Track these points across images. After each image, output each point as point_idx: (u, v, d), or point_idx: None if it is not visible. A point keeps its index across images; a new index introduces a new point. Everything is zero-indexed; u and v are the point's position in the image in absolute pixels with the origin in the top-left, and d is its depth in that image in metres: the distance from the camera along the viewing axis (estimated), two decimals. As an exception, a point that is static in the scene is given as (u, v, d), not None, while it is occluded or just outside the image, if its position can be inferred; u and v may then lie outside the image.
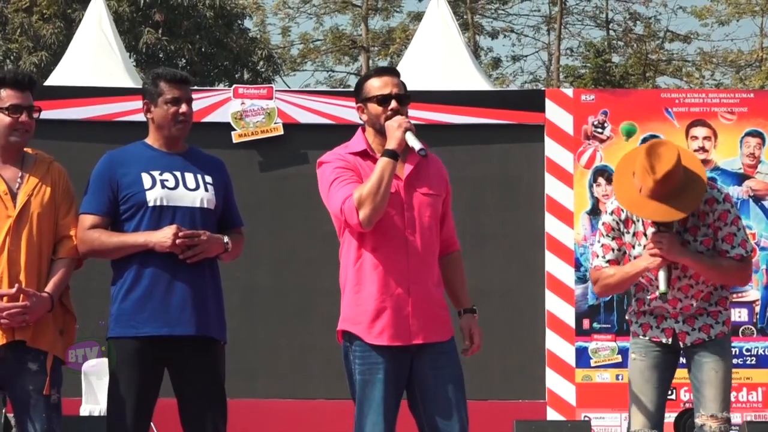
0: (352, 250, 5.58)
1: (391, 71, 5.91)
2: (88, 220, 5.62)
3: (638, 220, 6.21)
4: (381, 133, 5.65)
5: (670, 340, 6.23)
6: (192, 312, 5.62)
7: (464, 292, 5.89)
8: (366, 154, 5.65)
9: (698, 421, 6.16)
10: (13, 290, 5.39)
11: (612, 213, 6.30)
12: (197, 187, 5.70)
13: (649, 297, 6.25)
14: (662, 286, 5.84)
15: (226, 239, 5.73)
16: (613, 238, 6.29)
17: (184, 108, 5.76)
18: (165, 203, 5.61)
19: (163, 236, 5.51)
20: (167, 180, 5.66)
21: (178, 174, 5.69)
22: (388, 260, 5.52)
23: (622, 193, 6.11)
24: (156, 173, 5.65)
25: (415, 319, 5.55)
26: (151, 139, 5.83)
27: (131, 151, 5.82)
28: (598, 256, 6.31)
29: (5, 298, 5.38)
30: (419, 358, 5.59)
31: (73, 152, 12.47)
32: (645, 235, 6.17)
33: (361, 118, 5.77)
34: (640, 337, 6.33)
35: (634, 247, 6.25)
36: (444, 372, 5.61)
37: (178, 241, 5.50)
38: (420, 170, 5.66)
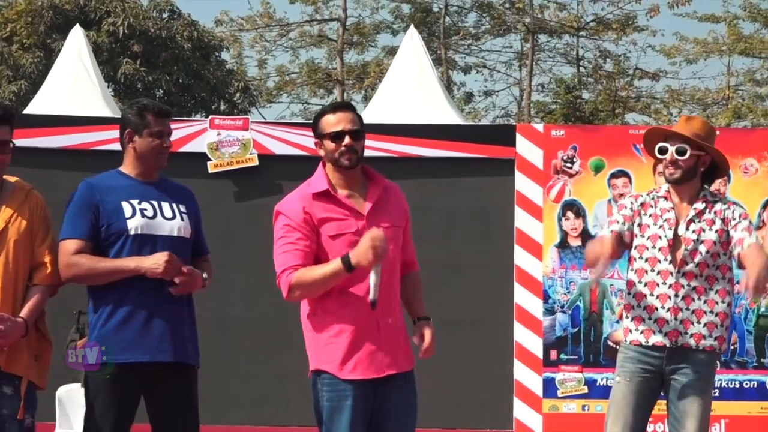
0: None
1: (346, 106, 5.85)
2: (72, 245, 5.60)
3: (655, 206, 6.27)
4: (340, 167, 5.63)
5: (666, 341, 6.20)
6: (171, 339, 5.64)
7: (421, 306, 5.93)
8: (328, 194, 5.66)
9: None
10: None
11: (630, 196, 6.37)
12: (174, 216, 5.73)
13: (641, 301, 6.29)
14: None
15: (204, 275, 5.77)
16: (623, 216, 6.32)
17: (167, 142, 5.81)
18: (145, 232, 5.63)
19: (155, 262, 5.52)
20: (146, 209, 5.68)
21: (155, 203, 5.72)
22: (357, 298, 5.53)
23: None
24: (135, 202, 5.67)
25: (385, 352, 5.56)
26: (128, 168, 5.83)
27: (109, 179, 5.82)
28: (603, 228, 6.38)
29: None
30: (384, 388, 5.60)
31: (51, 180, 12.43)
32: (661, 217, 6.24)
33: (319, 153, 5.78)
34: (631, 350, 6.31)
35: (649, 227, 6.29)
36: (407, 401, 5.65)
37: (177, 264, 5.52)
38: (380, 206, 5.69)
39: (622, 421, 6.17)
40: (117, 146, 12.94)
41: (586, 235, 13.76)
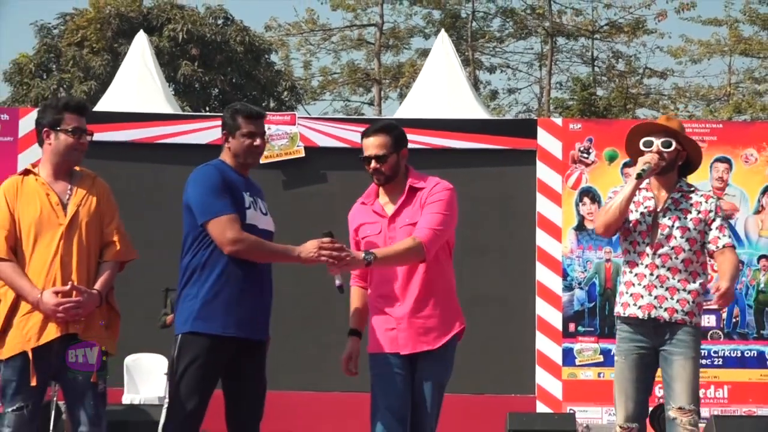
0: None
1: (376, 131, 5.96)
2: (233, 219, 5.46)
3: (638, 195, 6.31)
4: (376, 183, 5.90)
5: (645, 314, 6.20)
6: (266, 318, 5.67)
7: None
8: (367, 203, 5.97)
9: (670, 413, 6.14)
10: (67, 287, 5.40)
11: (616, 188, 6.37)
12: (266, 213, 5.75)
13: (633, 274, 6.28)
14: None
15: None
16: None
17: (258, 141, 5.76)
18: (254, 223, 5.61)
19: (312, 248, 5.47)
20: (252, 203, 5.68)
21: (253, 199, 5.70)
22: (388, 294, 5.75)
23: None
24: (247, 195, 5.65)
25: (406, 334, 5.70)
26: (230, 163, 5.76)
27: (226, 170, 5.70)
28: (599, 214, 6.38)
29: (60, 295, 5.39)
30: (415, 365, 5.69)
31: (118, 170, 12.49)
32: (642, 204, 6.31)
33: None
34: (623, 328, 6.31)
35: (632, 212, 6.30)
36: (431, 376, 5.77)
37: (324, 253, 5.45)
38: (402, 208, 5.82)
39: (625, 395, 6.19)
40: (178, 139, 12.96)
41: (601, 219, 13.73)
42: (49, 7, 54.08)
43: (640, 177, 6.14)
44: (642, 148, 6.32)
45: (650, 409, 12.76)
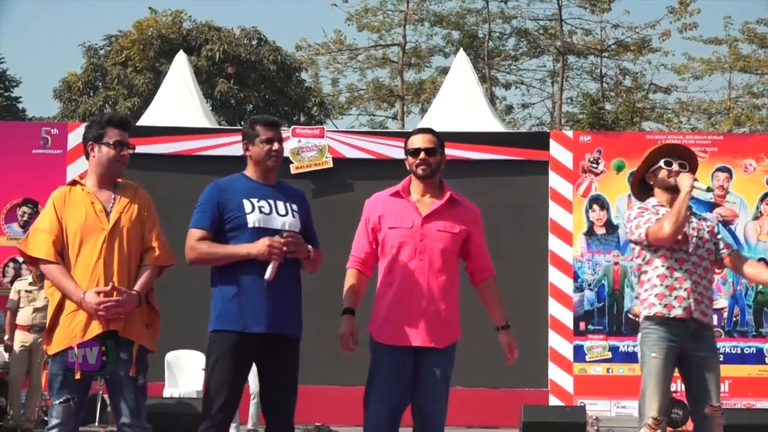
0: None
1: (424, 130, 6.00)
2: (197, 233, 5.60)
3: (658, 213, 6.24)
4: (417, 177, 5.83)
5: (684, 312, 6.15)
6: (284, 314, 5.62)
7: (497, 314, 6.01)
8: (400, 195, 5.82)
9: (705, 411, 6.06)
10: (108, 288, 5.42)
11: (638, 207, 6.29)
12: (286, 213, 5.72)
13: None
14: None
15: (309, 247, 5.72)
16: (648, 215, 6.23)
17: (276, 146, 5.79)
18: (262, 225, 5.61)
19: (262, 245, 5.49)
20: (264, 207, 5.66)
21: (272, 202, 5.70)
22: (398, 278, 5.73)
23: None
24: (254, 200, 5.65)
25: (416, 327, 5.66)
26: (249, 172, 5.81)
27: (234, 180, 5.79)
28: (641, 226, 6.22)
29: (101, 295, 5.40)
30: (419, 356, 5.66)
31: (159, 181, 12.52)
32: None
33: (406, 166, 5.89)
34: (657, 325, 6.21)
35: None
36: (437, 373, 5.71)
37: (276, 245, 5.47)
38: (440, 212, 5.77)
39: (660, 391, 6.09)
40: (215, 152, 12.95)
41: (609, 225, 13.70)
42: (97, 29, 54.39)
43: (702, 189, 6.19)
44: (663, 165, 6.26)
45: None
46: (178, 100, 14.90)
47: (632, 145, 13.89)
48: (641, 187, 6.46)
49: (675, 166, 6.27)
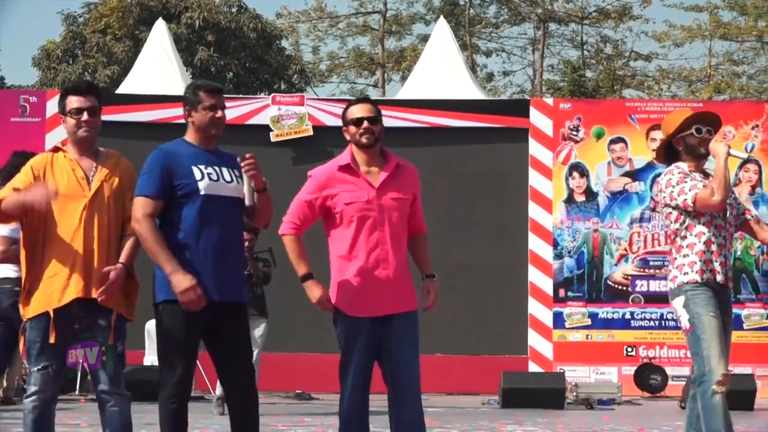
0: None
1: (362, 100, 5.97)
2: (144, 201, 5.43)
3: (692, 174, 6.25)
4: (360, 147, 5.77)
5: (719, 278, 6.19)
6: (234, 282, 5.58)
7: (426, 264, 5.96)
8: (349, 168, 5.76)
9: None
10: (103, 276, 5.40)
11: (679, 172, 6.21)
12: (232, 180, 5.64)
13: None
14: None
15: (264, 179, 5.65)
16: (692, 180, 6.19)
17: (219, 113, 5.70)
18: (212, 192, 5.54)
19: (180, 287, 5.29)
20: (211, 173, 5.58)
21: (216, 168, 5.62)
22: (362, 253, 5.75)
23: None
24: (202, 167, 5.58)
25: (386, 296, 5.71)
26: (191, 138, 5.70)
27: (177, 146, 5.70)
28: (686, 192, 6.16)
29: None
30: (386, 323, 5.70)
31: (140, 149, 12.47)
32: (701, 183, 6.23)
33: (346, 137, 5.81)
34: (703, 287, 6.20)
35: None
36: (406, 335, 5.73)
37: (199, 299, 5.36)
38: (391, 180, 5.77)
39: (720, 348, 6.06)
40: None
41: (589, 192, 13.74)
42: (75, -3, 54.05)
43: (743, 158, 6.25)
44: (694, 132, 6.24)
45: (635, 368, 12.80)
46: (157, 67, 14.83)
47: (612, 113, 13.92)
48: (666, 152, 6.44)
49: (704, 134, 6.28)
